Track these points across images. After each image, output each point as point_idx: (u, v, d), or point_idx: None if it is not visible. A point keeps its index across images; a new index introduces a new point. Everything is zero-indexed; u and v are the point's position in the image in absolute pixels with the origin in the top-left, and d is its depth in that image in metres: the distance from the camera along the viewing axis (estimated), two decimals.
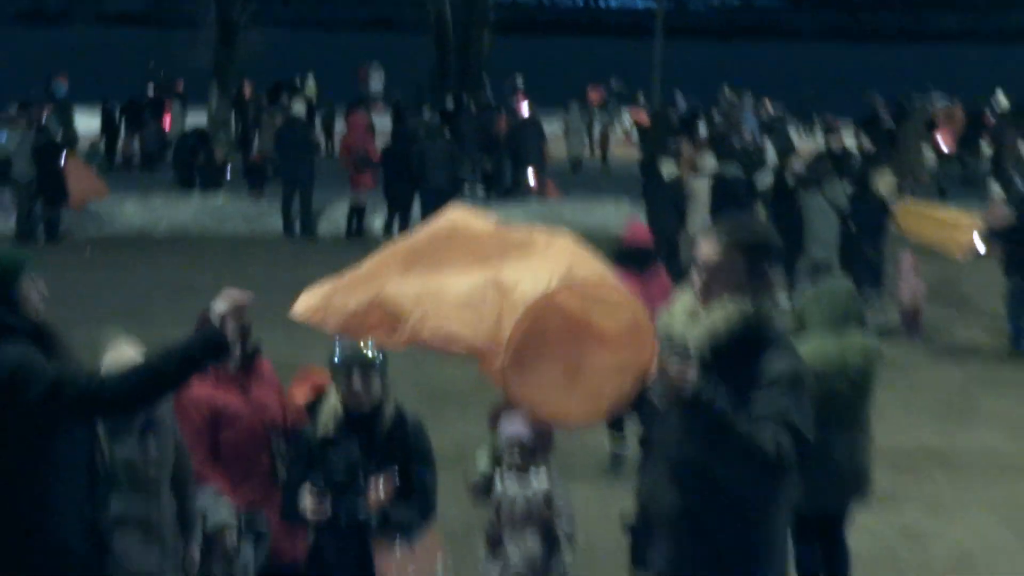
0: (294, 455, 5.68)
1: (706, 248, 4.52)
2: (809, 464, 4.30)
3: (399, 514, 5.28)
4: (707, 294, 4.48)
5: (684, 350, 4.08)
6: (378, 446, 5.36)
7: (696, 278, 4.56)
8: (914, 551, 8.07)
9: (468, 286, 4.37)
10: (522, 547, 6.40)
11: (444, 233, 4.63)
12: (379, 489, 5.22)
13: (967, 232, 14.49)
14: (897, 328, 14.09)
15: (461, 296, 4.33)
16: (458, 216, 4.77)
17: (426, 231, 4.75)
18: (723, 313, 4.38)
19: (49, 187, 18.95)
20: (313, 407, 5.73)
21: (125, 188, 23.13)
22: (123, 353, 5.48)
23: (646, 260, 10.33)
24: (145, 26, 54.53)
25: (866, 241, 14.79)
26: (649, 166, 21.51)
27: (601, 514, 7.86)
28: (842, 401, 6.67)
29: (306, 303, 4.59)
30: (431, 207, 18.89)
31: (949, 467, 10.17)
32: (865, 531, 7.52)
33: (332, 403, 5.44)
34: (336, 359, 5.39)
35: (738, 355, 4.33)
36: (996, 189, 19.37)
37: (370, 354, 5.36)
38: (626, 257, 10.20)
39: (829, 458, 6.23)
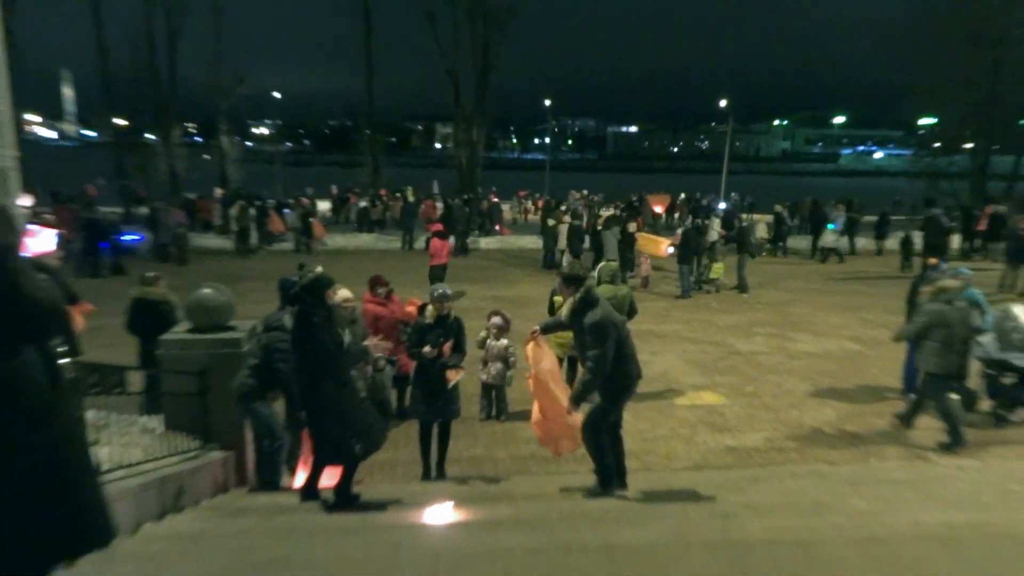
0: (414, 330, 5.74)
1: (559, 278, 5.22)
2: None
3: (455, 357, 5.64)
4: (563, 293, 5.17)
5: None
6: (447, 329, 5.65)
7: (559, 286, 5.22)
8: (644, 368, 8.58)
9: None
10: (495, 367, 7.28)
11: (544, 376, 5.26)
12: (448, 345, 5.63)
13: (665, 246, 16.11)
14: (639, 285, 15.26)
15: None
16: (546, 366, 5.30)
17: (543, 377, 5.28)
18: (570, 300, 5.06)
19: None
20: (421, 311, 6.24)
21: None
22: None
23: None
24: None
25: (627, 251, 15.95)
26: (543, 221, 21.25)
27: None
28: (618, 311, 6.50)
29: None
30: None
31: (659, 338, 11.03)
32: None
33: (430, 310, 5.71)
34: (434, 293, 5.63)
35: (579, 315, 4.97)
36: (678, 230, 21.47)
37: (448, 292, 5.61)
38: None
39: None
